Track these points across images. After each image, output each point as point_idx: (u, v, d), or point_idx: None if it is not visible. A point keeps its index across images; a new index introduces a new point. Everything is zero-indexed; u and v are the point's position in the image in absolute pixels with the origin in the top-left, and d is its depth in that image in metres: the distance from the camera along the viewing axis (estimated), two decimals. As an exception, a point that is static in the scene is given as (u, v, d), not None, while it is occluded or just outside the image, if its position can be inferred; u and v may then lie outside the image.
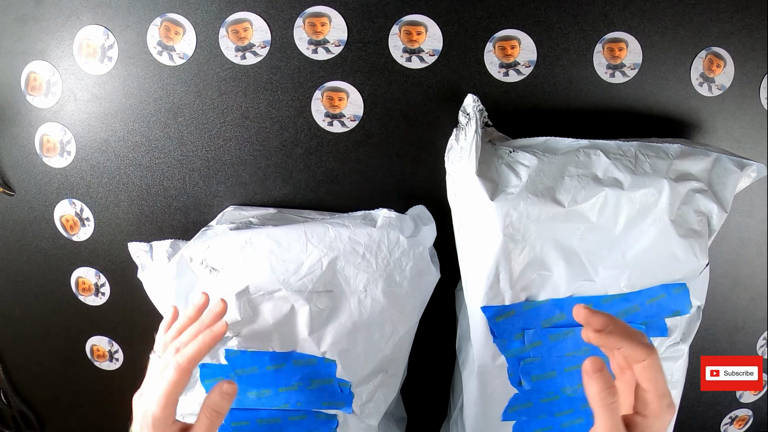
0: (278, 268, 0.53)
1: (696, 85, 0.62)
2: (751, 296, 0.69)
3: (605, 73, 0.61)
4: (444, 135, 0.60)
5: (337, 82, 0.61)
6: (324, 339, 0.54)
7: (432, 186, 0.63)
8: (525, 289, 0.53)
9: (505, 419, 0.56)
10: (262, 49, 0.60)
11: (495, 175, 0.53)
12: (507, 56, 0.60)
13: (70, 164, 0.65)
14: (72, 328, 0.72)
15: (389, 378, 0.58)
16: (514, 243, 0.51)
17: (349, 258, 0.54)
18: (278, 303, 0.53)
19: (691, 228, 0.54)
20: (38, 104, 0.63)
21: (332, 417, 0.56)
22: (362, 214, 0.60)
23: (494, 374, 0.55)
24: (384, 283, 0.54)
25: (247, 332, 0.54)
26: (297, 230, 0.54)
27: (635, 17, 0.59)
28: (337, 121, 0.62)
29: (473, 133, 0.53)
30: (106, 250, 0.68)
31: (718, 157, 0.54)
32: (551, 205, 0.51)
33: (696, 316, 0.56)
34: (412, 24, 0.59)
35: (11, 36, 0.62)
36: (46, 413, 0.77)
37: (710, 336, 0.70)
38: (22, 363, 0.75)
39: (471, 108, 0.55)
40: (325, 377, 0.54)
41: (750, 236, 0.66)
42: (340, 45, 0.59)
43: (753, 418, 0.75)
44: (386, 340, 0.56)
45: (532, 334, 0.53)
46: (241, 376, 0.54)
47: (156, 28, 0.60)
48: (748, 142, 0.64)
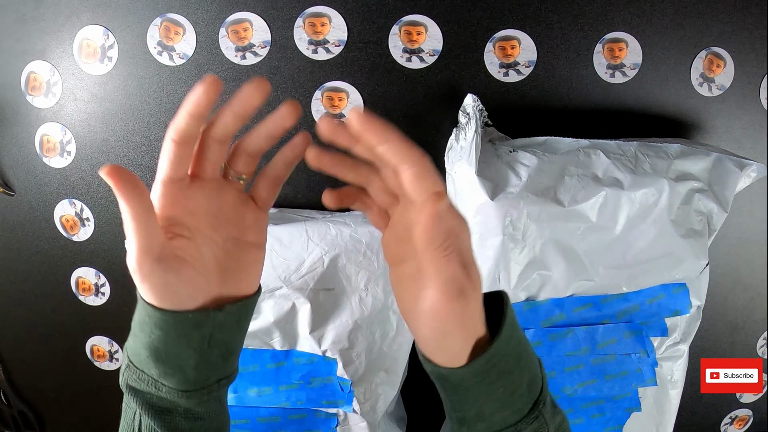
0: (279, 266, 0.53)
1: (696, 85, 0.62)
2: (751, 296, 0.69)
3: (605, 73, 0.61)
4: (444, 135, 0.60)
5: (337, 82, 0.61)
6: (325, 337, 0.54)
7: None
8: (525, 288, 0.53)
9: (505, 419, 0.56)
10: (262, 49, 0.60)
11: (495, 174, 0.53)
12: (507, 56, 0.60)
13: (70, 164, 0.65)
14: (72, 328, 0.72)
15: (390, 377, 0.58)
16: (514, 243, 0.51)
17: (351, 256, 0.54)
18: (279, 301, 0.54)
19: (691, 228, 0.54)
20: (38, 104, 0.63)
21: (332, 415, 0.56)
22: (363, 213, 0.60)
23: (494, 374, 0.55)
24: (385, 282, 0.54)
25: (248, 330, 0.54)
26: (298, 228, 0.54)
27: (635, 17, 0.59)
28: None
29: (473, 133, 0.53)
30: (106, 250, 0.68)
31: (718, 157, 0.55)
32: (551, 205, 0.51)
33: (696, 316, 0.56)
34: (412, 24, 0.59)
35: (11, 36, 0.62)
36: (46, 413, 0.77)
37: (710, 336, 0.70)
38: (22, 363, 0.75)
39: (471, 108, 0.55)
40: (326, 376, 0.54)
41: (750, 236, 0.66)
42: (340, 45, 0.59)
43: (753, 418, 0.75)
44: (387, 339, 0.56)
45: (532, 334, 0.53)
46: (242, 373, 0.54)
47: (156, 28, 0.60)
48: (748, 142, 0.64)
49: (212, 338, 0.35)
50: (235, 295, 0.37)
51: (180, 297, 0.34)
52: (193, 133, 0.32)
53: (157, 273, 0.32)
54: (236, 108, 0.33)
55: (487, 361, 0.33)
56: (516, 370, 0.35)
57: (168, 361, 0.35)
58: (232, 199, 0.37)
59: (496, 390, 0.34)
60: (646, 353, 0.55)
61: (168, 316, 0.33)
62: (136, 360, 0.36)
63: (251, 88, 0.32)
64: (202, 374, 0.36)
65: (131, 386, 0.36)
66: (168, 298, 0.33)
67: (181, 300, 0.34)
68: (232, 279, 0.37)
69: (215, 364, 0.36)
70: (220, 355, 0.37)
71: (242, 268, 0.37)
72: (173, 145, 0.32)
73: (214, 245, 0.36)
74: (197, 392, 0.36)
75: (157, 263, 0.32)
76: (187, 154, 0.33)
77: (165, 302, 0.33)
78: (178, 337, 0.34)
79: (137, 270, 0.32)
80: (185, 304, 0.34)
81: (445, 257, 0.32)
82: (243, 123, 0.34)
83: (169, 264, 0.33)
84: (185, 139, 0.32)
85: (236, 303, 0.36)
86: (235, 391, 0.55)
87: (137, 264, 0.32)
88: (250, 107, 0.33)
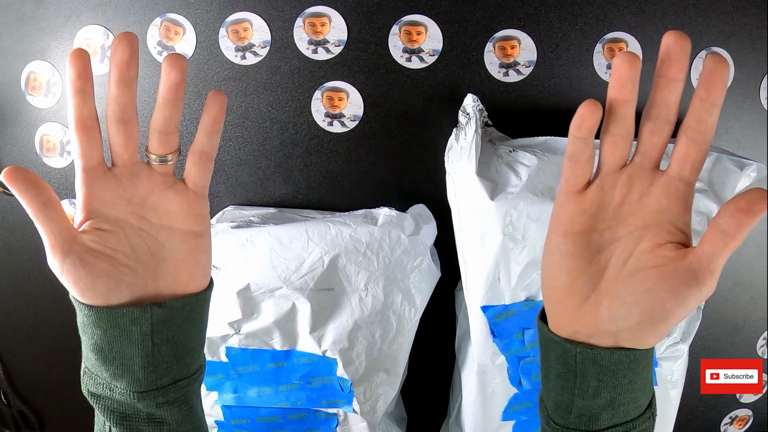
0: (279, 266, 0.53)
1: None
2: (751, 296, 0.69)
3: (605, 73, 0.61)
4: (444, 135, 0.60)
5: (337, 82, 0.61)
6: (325, 337, 0.54)
7: (432, 186, 0.63)
8: (525, 288, 0.53)
9: (504, 419, 0.56)
10: (262, 49, 0.60)
11: (495, 174, 0.53)
12: (507, 56, 0.60)
13: (70, 164, 0.65)
14: (72, 328, 0.71)
15: (390, 377, 0.58)
16: (514, 243, 0.51)
17: (351, 256, 0.54)
18: (279, 301, 0.54)
19: (691, 228, 0.54)
20: (38, 104, 0.63)
21: (332, 416, 0.56)
22: (363, 212, 0.60)
23: (494, 374, 0.55)
24: (385, 282, 0.54)
25: (247, 330, 0.54)
26: (298, 228, 0.54)
27: (635, 17, 0.59)
28: (337, 121, 0.62)
29: (473, 133, 0.53)
30: (106, 250, 0.68)
31: (718, 157, 0.55)
32: (551, 205, 0.51)
33: (696, 316, 0.56)
34: (412, 24, 0.59)
35: (11, 36, 0.62)
36: (46, 413, 0.77)
37: (710, 336, 0.70)
38: (22, 363, 0.75)
39: (471, 108, 0.55)
40: (326, 376, 0.54)
41: (750, 236, 0.66)
42: (340, 45, 0.59)
43: (753, 418, 0.75)
44: (387, 339, 0.56)
45: (532, 334, 0.53)
46: (242, 373, 0.54)
47: (156, 28, 0.60)
48: (748, 142, 0.64)
49: (155, 335, 0.34)
50: (178, 290, 0.36)
51: (100, 291, 0.33)
52: (85, 113, 0.32)
53: (68, 267, 0.32)
54: (113, 74, 0.32)
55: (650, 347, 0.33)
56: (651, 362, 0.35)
57: (114, 361, 0.34)
58: (154, 184, 0.35)
59: (640, 379, 0.34)
60: (646, 353, 0.55)
61: (102, 312, 0.33)
62: (89, 364, 0.36)
63: (116, 43, 0.31)
64: (153, 374, 0.35)
65: (91, 391, 0.36)
66: (88, 293, 0.33)
67: (102, 294, 0.33)
68: (170, 272, 0.36)
69: (167, 363, 0.36)
70: (171, 354, 0.36)
71: (181, 259, 0.36)
72: (73, 133, 0.32)
73: (144, 236, 0.35)
74: (151, 393, 0.35)
75: (65, 257, 0.32)
76: (90, 139, 0.33)
77: (87, 297, 0.33)
78: (118, 334, 0.34)
79: (50, 266, 0.32)
80: (110, 299, 0.33)
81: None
82: (127, 88, 0.32)
83: (81, 257, 0.32)
84: (81, 122, 0.32)
85: (180, 299, 0.35)
86: (235, 391, 0.55)
87: (48, 260, 0.32)
88: (124, 65, 0.31)
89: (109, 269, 0.33)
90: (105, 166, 0.34)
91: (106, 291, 0.33)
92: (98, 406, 0.36)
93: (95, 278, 0.33)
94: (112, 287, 0.33)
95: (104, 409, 0.36)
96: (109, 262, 0.33)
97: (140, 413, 0.36)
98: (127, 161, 0.35)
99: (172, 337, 0.35)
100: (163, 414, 0.36)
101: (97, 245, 0.33)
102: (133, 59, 0.32)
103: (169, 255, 0.36)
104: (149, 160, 0.35)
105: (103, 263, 0.33)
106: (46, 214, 0.31)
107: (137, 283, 0.34)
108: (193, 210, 0.37)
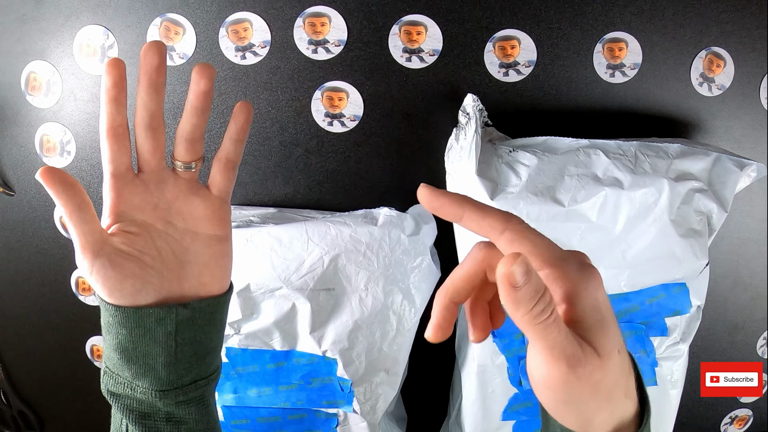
0: (279, 266, 0.53)
1: (696, 85, 0.62)
2: (751, 296, 0.69)
3: (605, 73, 0.61)
4: (444, 135, 0.60)
5: (337, 82, 0.61)
6: (325, 337, 0.54)
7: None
8: (525, 288, 0.53)
9: (504, 419, 0.56)
10: (262, 49, 0.60)
11: (495, 174, 0.53)
12: (507, 56, 0.60)
13: (70, 164, 0.65)
14: (72, 328, 0.72)
15: (390, 377, 0.58)
16: (514, 242, 0.51)
17: (351, 256, 0.54)
18: (279, 301, 0.54)
19: (691, 228, 0.54)
20: (38, 104, 0.63)
21: (332, 416, 0.56)
22: (363, 212, 0.60)
23: (494, 374, 0.55)
24: (385, 282, 0.54)
25: (247, 330, 0.54)
26: (298, 228, 0.54)
27: (635, 17, 0.59)
28: (337, 121, 0.62)
29: (473, 133, 0.53)
30: (106, 250, 0.68)
31: (718, 157, 0.55)
32: (551, 205, 0.51)
33: (696, 316, 0.56)
34: (412, 24, 0.59)
35: (11, 36, 0.62)
36: (46, 413, 0.77)
37: (710, 336, 0.70)
38: (22, 363, 0.75)
39: (471, 108, 0.55)
40: (326, 376, 0.54)
41: (750, 236, 0.66)
42: (340, 45, 0.59)
43: (753, 418, 0.75)
44: (387, 339, 0.56)
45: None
46: (242, 374, 0.54)
47: (156, 28, 0.60)
48: (748, 142, 0.64)
49: (179, 334, 0.35)
50: (202, 292, 0.37)
51: (127, 292, 0.34)
52: (117, 121, 0.33)
53: (98, 268, 0.33)
54: (143, 81, 0.33)
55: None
56: None
57: (138, 360, 0.35)
58: (180, 190, 0.36)
59: None
60: (645, 353, 0.55)
61: (128, 312, 0.34)
62: (110, 364, 0.36)
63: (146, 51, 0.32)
64: (175, 373, 0.36)
65: (111, 391, 0.37)
66: (116, 293, 0.34)
67: (130, 295, 0.34)
68: (194, 274, 0.37)
69: (188, 362, 0.36)
70: (192, 354, 0.36)
71: (204, 263, 0.37)
72: (104, 140, 0.33)
73: (170, 239, 0.36)
74: (172, 392, 0.36)
75: (96, 258, 0.33)
76: (121, 146, 0.34)
77: (115, 298, 0.34)
78: (143, 334, 0.34)
79: (79, 266, 0.33)
80: (137, 299, 0.34)
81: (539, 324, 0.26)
82: (156, 94, 0.33)
83: (110, 258, 0.33)
84: (113, 130, 0.33)
85: (204, 300, 0.36)
86: (235, 391, 0.55)
87: (78, 260, 0.33)
88: (154, 71, 0.32)
89: (137, 270, 0.34)
90: (133, 172, 0.35)
91: (133, 291, 0.34)
92: (117, 405, 0.36)
93: (124, 279, 0.33)
94: (139, 288, 0.34)
95: (123, 408, 0.36)
96: (136, 263, 0.34)
97: (159, 412, 0.37)
98: (154, 168, 0.35)
99: (194, 338, 0.36)
100: (182, 413, 0.37)
101: (126, 247, 0.34)
102: (162, 66, 0.32)
103: (193, 258, 0.37)
104: (174, 167, 0.36)
105: (132, 264, 0.34)
106: (79, 216, 0.32)
107: (163, 285, 0.35)
108: (217, 215, 0.37)
